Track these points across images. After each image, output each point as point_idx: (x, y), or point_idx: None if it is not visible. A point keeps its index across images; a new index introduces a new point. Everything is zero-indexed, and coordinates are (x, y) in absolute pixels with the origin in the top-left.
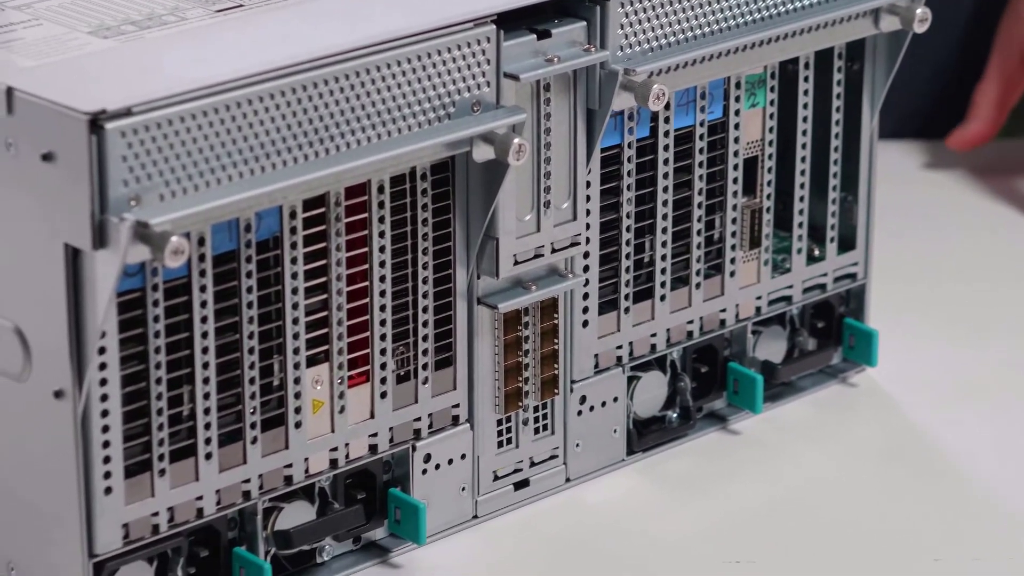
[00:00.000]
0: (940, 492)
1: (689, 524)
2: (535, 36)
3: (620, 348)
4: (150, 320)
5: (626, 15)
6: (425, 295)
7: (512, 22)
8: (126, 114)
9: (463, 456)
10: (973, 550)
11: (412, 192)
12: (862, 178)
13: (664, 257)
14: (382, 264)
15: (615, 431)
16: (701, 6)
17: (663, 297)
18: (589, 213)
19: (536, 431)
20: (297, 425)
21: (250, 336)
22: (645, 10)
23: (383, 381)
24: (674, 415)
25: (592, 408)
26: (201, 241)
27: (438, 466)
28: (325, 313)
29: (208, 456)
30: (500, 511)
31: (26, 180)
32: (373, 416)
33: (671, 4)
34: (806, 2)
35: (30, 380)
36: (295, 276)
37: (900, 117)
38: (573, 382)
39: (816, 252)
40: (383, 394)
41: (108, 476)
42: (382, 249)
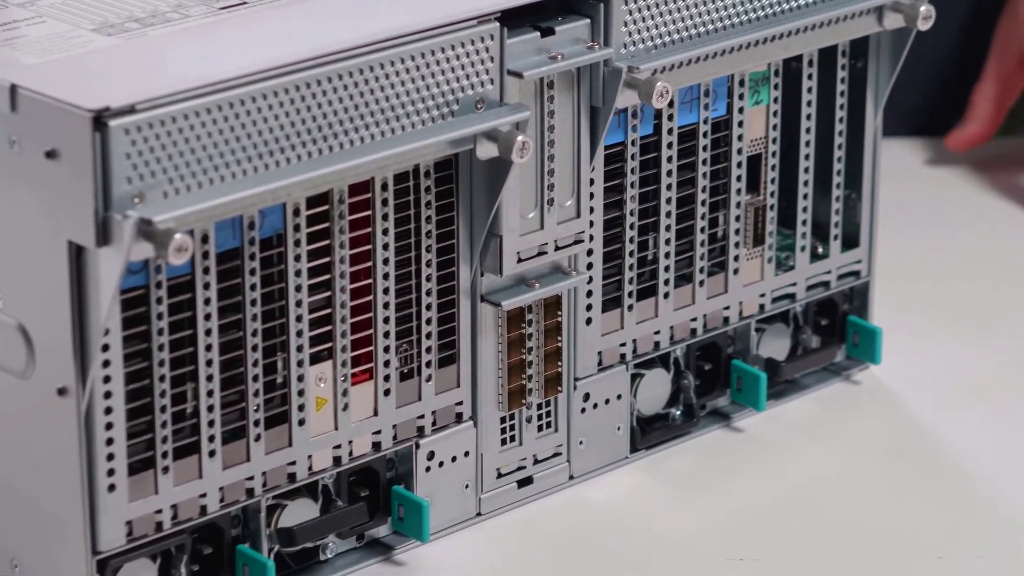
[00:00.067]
0: (944, 490)
1: (692, 522)
2: (539, 33)
3: (624, 345)
4: (154, 317)
5: (630, 12)
6: (429, 292)
7: (516, 19)
8: (130, 111)
9: (466, 453)
10: (976, 548)
11: (416, 190)
12: (866, 175)
13: (668, 254)
14: (385, 261)
15: (618, 428)
16: (705, 3)
17: (667, 294)
18: (593, 211)
19: (539, 428)
20: (300, 422)
21: (253, 333)
22: (649, 7)
23: (387, 378)
24: (677, 413)
25: (595, 405)
26: (205, 238)
27: (441, 463)
28: (328, 310)
29: (211, 453)
30: (503, 508)
31: (30, 177)
32: (376, 413)
33: (675, 1)
34: None
35: (34, 377)
36: (298, 273)
37: (901, 114)
38: (576, 379)
39: (820, 249)
40: (387, 391)
41: (111, 473)
42: (386, 246)
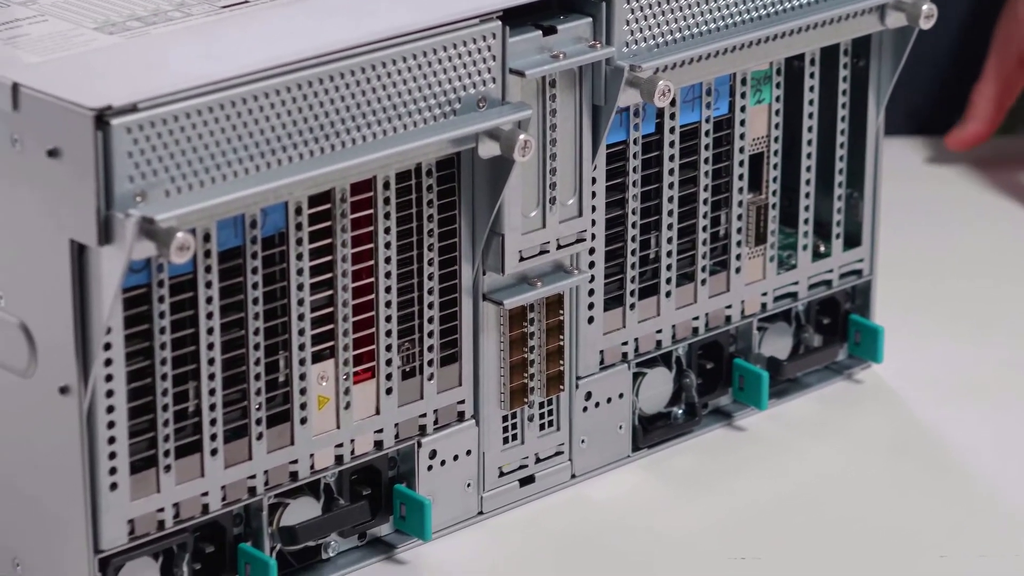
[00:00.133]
0: (946, 488)
1: (694, 520)
2: (541, 32)
3: (626, 344)
4: (155, 316)
5: (632, 11)
6: (431, 291)
7: (518, 18)
8: (132, 110)
9: (468, 452)
10: (979, 546)
11: (418, 188)
12: (868, 174)
13: (670, 253)
14: (387, 260)
15: (620, 427)
16: (707, 2)
17: (669, 293)
18: (595, 209)
19: (541, 427)
20: (302, 421)
21: (255, 332)
22: (651, 6)
23: (388, 377)
24: (679, 411)
25: (597, 404)
26: (207, 237)
27: (443, 462)
28: (330, 309)
29: (213, 452)
30: (505, 507)
31: (32, 176)
32: (378, 412)
33: (677, 0)
34: None
35: (35, 376)
36: (300, 272)
37: (900, 113)
38: (578, 378)
39: (822, 248)
40: (388, 390)
41: (113, 472)
42: (387, 245)
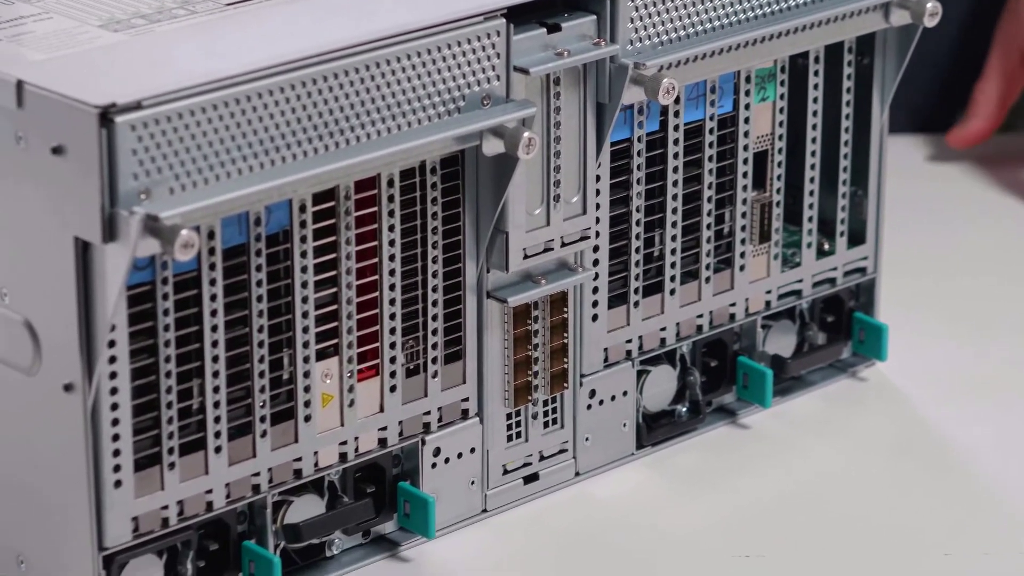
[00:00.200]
0: (950, 486)
1: (698, 518)
2: (545, 30)
3: (629, 342)
4: (160, 313)
5: (636, 9)
6: (435, 289)
7: (522, 16)
8: (136, 107)
9: (472, 450)
10: (982, 545)
11: (422, 186)
12: (872, 172)
13: (674, 251)
14: (392, 258)
15: (624, 425)
16: None
17: (673, 291)
18: (599, 207)
19: (545, 425)
20: (307, 419)
21: (260, 330)
22: (655, 4)
23: (392, 375)
24: (683, 409)
25: (601, 402)
26: (211, 235)
27: (447, 460)
28: (335, 307)
29: (218, 450)
30: (509, 505)
31: (36, 173)
32: (382, 410)
33: None
34: None
35: (40, 373)
36: (304, 270)
37: (901, 111)
38: (582, 376)
39: (826, 246)
40: (392, 388)
41: (118, 469)
42: (392, 243)
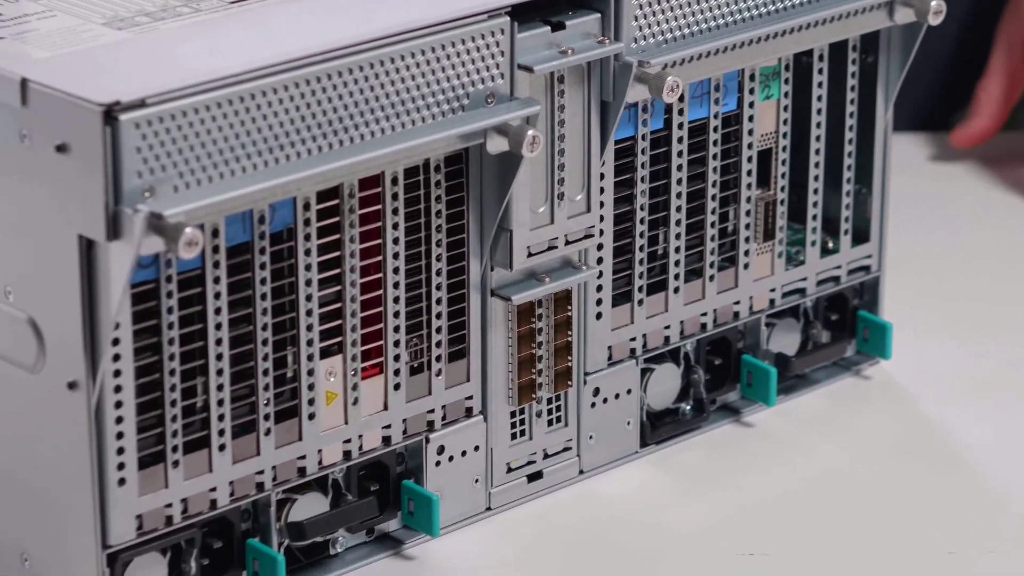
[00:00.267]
0: (954, 485)
1: (702, 516)
2: (549, 28)
3: (634, 340)
4: (164, 311)
5: (640, 7)
6: (439, 287)
7: (526, 14)
8: (140, 105)
9: (476, 448)
10: (987, 543)
11: (426, 184)
12: (876, 170)
13: (678, 249)
14: (396, 256)
15: (628, 423)
16: None
17: (677, 289)
18: (603, 205)
19: (549, 423)
20: (311, 417)
21: (264, 328)
22: (659, 2)
23: (396, 373)
24: (688, 407)
25: (606, 400)
26: (215, 232)
27: (451, 458)
28: (339, 305)
29: (222, 448)
30: (513, 503)
31: (40, 171)
32: (387, 408)
33: None
34: None
35: (44, 371)
36: (309, 268)
37: (902, 110)
38: (587, 374)
39: (830, 244)
40: (396, 386)
41: (122, 467)
42: (396, 241)
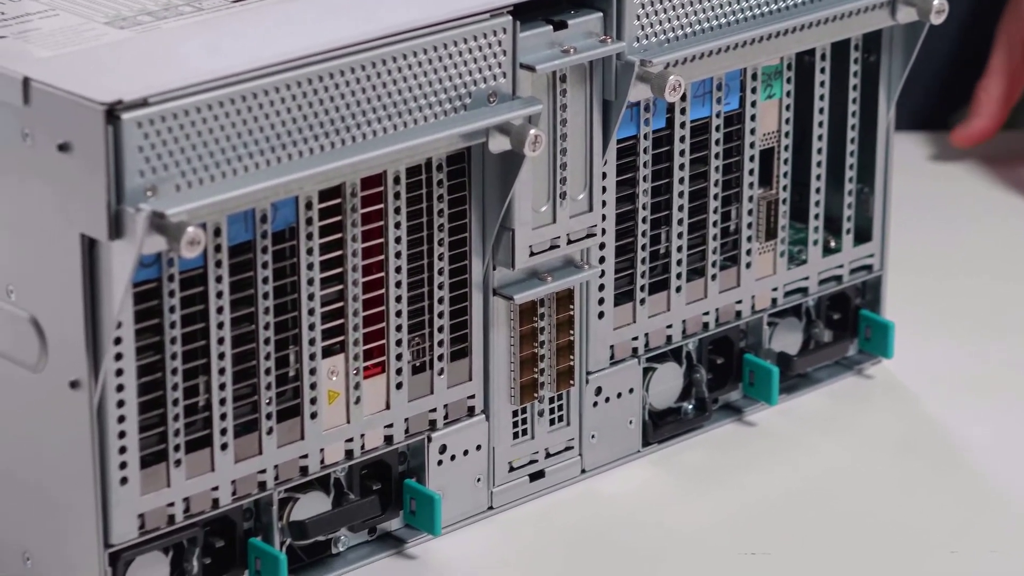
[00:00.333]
0: (956, 484)
1: (704, 515)
2: (551, 27)
3: (636, 339)
4: (166, 311)
5: (642, 6)
6: (441, 286)
7: (528, 13)
8: (142, 104)
9: (478, 447)
10: (989, 542)
11: (428, 183)
12: (878, 169)
13: (680, 248)
14: (398, 255)
15: (630, 422)
16: None
17: (679, 288)
18: (605, 204)
19: (551, 422)
20: (313, 416)
21: (266, 327)
22: (661, 1)
23: (399, 372)
24: (690, 406)
25: (608, 399)
26: (217, 232)
27: (453, 457)
28: (341, 304)
29: (224, 447)
30: (515, 502)
31: (42, 170)
32: (389, 407)
33: None
34: None
35: (46, 370)
36: (311, 267)
37: (903, 109)
38: (588, 373)
39: (832, 243)
40: (399, 385)
41: (124, 466)
42: (398, 240)
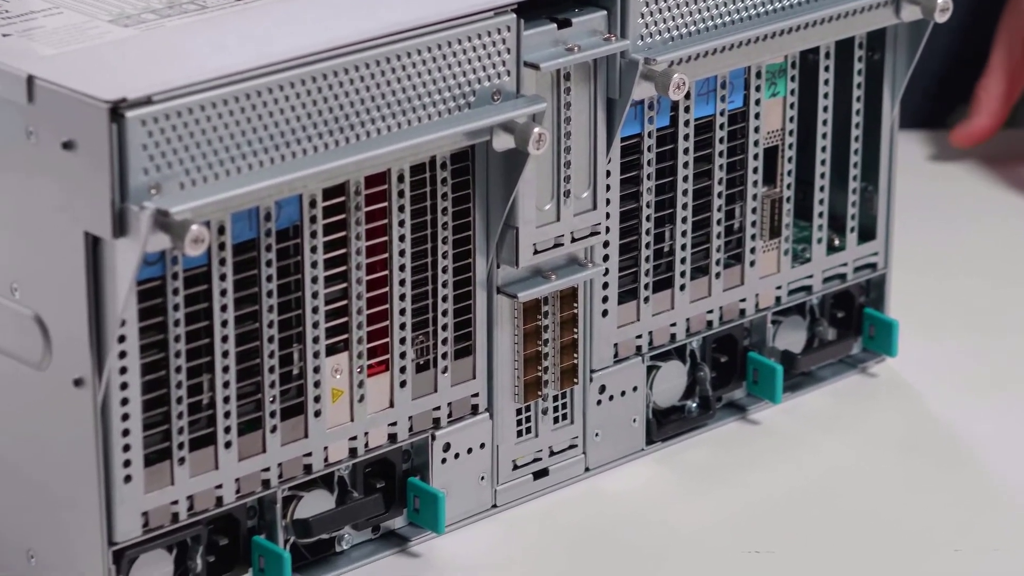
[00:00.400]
0: (960, 482)
1: (708, 514)
2: (555, 25)
3: (640, 337)
4: (170, 308)
5: (646, 4)
6: (445, 284)
7: (532, 11)
8: (146, 102)
9: (482, 445)
10: (992, 541)
11: (432, 181)
12: (882, 168)
13: (684, 246)
14: (402, 253)
15: (634, 421)
16: None
17: (683, 287)
18: (609, 202)
19: (555, 420)
20: (316, 414)
21: (270, 325)
22: None
23: (402, 370)
24: (693, 405)
25: (611, 397)
26: (221, 230)
27: (457, 455)
28: (345, 302)
29: (227, 445)
30: (519, 500)
31: (47, 168)
32: (392, 405)
33: None
34: None
35: (50, 368)
36: (315, 265)
37: (902, 108)
38: (592, 371)
39: (836, 242)
40: (402, 383)
41: (128, 464)
42: (402, 238)
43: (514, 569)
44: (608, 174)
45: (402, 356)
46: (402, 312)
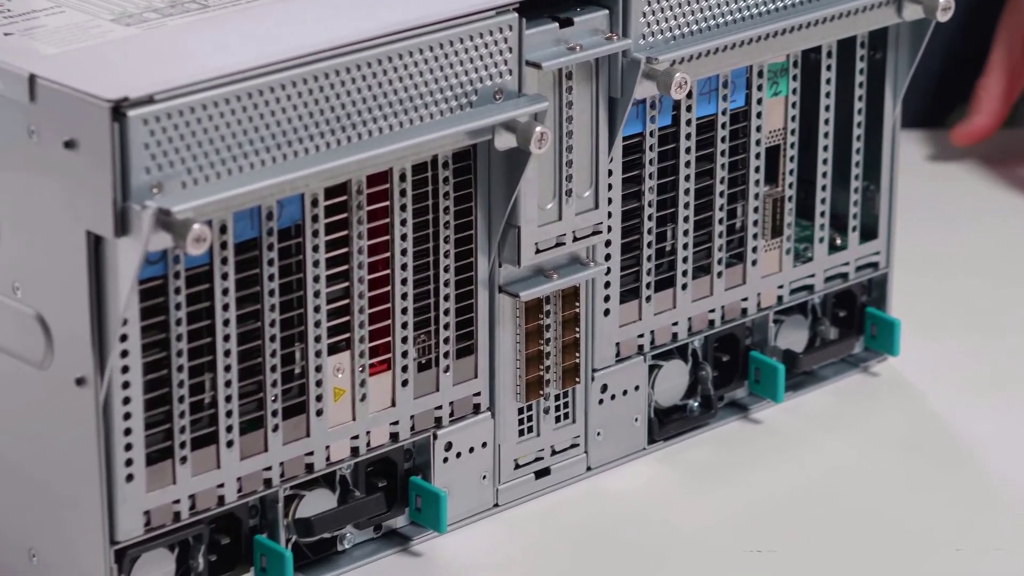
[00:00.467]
0: (962, 482)
1: (710, 513)
2: (557, 24)
3: (641, 337)
4: (172, 308)
5: (648, 3)
6: (446, 283)
7: (534, 10)
8: (148, 102)
9: (484, 444)
10: (993, 540)
11: (434, 180)
12: (884, 167)
13: (686, 246)
14: (404, 252)
15: (636, 420)
16: None
17: (685, 286)
18: (611, 202)
19: (557, 420)
20: (318, 413)
21: (271, 324)
22: None
23: (404, 369)
24: (695, 404)
25: (613, 397)
26: (223, 229)
27: (459, 454)
28: (346, 301)
29: (229, 444)
30: (521, 499)
31: (49, 167)
32: (394, 404)
33: None
34: None
35: (52, 367)
36: (317, 264)
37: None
38: (594, 371)
39: (838, 241)
40: (404, 382)
41: (129, 463)
42: (404, 237)
43: (516, 568)
44: (610, 173)
45: (404, 355)
46: (404, 311)
